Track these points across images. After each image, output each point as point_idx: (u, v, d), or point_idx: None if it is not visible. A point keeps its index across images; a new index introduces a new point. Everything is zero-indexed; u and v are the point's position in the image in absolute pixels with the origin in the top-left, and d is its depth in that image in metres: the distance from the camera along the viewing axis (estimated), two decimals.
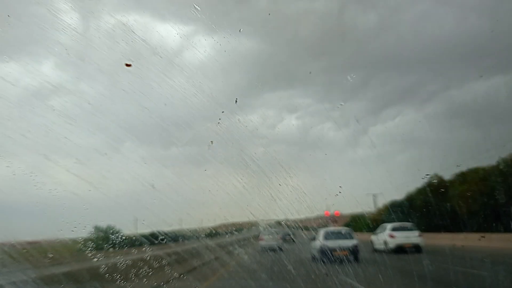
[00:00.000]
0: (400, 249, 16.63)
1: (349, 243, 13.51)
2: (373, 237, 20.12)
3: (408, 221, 18.74)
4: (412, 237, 17.16)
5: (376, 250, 18.86)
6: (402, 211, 23.66)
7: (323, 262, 11.31)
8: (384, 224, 19.43)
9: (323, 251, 12.61)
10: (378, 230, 19.86)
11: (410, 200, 26.90)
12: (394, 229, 17.85)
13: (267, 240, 22.84)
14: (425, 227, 19.98)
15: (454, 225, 18.97)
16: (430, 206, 20.30)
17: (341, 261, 11.25)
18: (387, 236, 17.90)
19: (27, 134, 5.72)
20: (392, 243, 17.37)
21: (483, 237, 16.79)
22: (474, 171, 24.32)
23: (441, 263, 11.33)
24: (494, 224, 18.10)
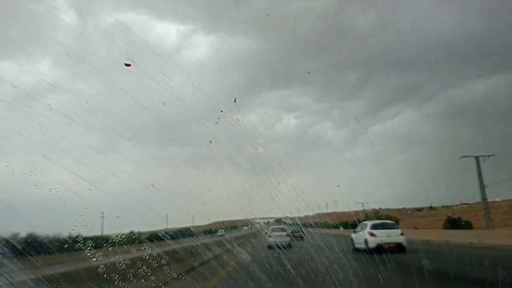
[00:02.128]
0: (381, 249, 15.79)
1: None
2: (353, 236, 19.31)
3: None
4: (394, 236, 16.49)
5: (356, 250, 18.11)
6: None
7: None
8: (364, 222, 18.67)
9: None
10: (358, 228, 18.99)
11: None
12: (374, 227, 17.12)
13: (275, 237, 22.39)
14: None
15: None
16: None
17: None
18: (367, 234, 17.03)
19: (25, 133, 5.72)
20: (372, 242, 16.50)
21: None
22: None
23: None
24: None
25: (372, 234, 16.74)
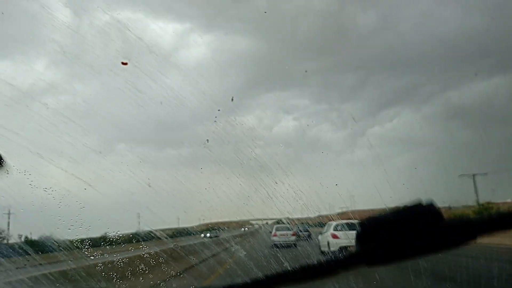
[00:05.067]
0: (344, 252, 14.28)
1: None
2: (320, 237, 17.67)
3: None
4: None
5: (322, 252, 16.15)
6: None
7: None
8: (330, 222, 16.64)
9: None
10: (324, 229, 17.18)
11: None
12: (337, 229, 15.19)
13: (280, 236, 21.90)
14: None
15: None
16: None
17: None
18: (329, 236, 15.31)
19: (21, 132, 5.68)
20: (334, 245, 14.73)
21: None
22: None
23: None
24: None
25: (334, 236, 15.07)
